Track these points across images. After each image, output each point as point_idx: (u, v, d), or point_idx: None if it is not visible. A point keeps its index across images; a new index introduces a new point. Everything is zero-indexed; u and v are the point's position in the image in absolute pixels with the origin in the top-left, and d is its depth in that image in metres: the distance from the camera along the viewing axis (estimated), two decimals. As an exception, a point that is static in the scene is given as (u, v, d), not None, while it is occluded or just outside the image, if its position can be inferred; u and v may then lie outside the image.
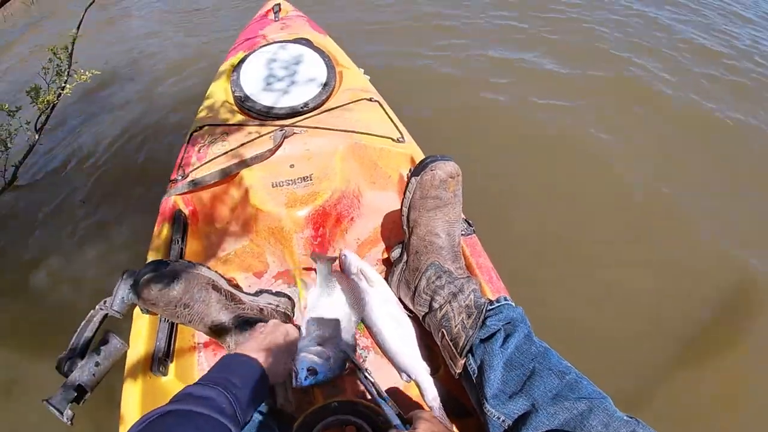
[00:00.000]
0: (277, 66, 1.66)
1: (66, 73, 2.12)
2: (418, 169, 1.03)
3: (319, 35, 1.96)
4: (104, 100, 3.02)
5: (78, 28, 2.19)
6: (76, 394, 0.88)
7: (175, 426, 0.63)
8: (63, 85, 2.10)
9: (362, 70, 1.85)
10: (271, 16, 2.12)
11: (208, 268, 1.05)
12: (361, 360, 1.08)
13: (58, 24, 3.99)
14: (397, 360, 1.06)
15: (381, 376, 1.03)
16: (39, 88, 2.03)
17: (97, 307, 0.97)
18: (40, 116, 2.13)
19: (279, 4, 2.16)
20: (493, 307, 0.94)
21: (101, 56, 3.35)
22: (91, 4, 2.28)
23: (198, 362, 1.11)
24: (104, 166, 2.52)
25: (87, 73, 2.13)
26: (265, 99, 1.53)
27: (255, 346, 0.85)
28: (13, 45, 3.92)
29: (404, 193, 1.07)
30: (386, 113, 1.56)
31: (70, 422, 0.87)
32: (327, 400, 0.89)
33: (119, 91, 3.11)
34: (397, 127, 1.50)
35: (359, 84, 1.70)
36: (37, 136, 2.16)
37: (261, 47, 1.75)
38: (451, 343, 0.94)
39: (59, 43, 2.17)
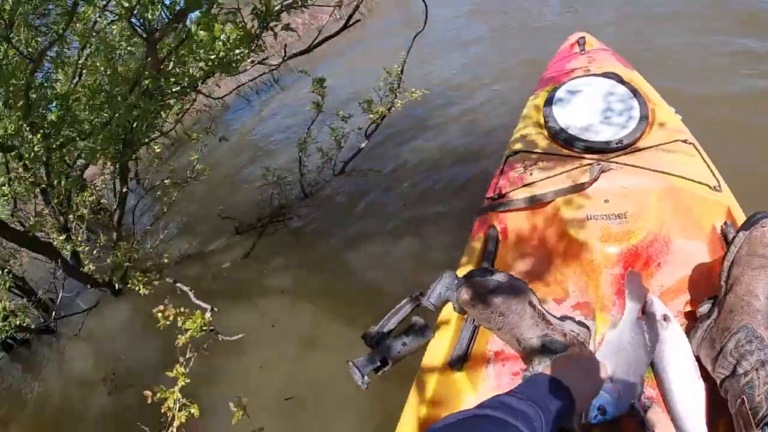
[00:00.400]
0: (589, 99, 1.71)
1: (396, 90, 2.53)
2: (747, 224, 1.00)
3: (627, 70, 1.94)
4: (424, 118, 3.42)
5: (407, 52, 2.58)
6: (379, 365, 0.98)
7: (490, 429, 0.65)
8: (394, 100, 2.52)
9: (673, 109, 1.79)
10: (576, 49, 2.17)
11: (527, 284, 1.13)
12: (643, 409, 1.06)
13: (373, 45, 4.67)
14: (681, 418, 1.01)
15: (658, 430, 1.00)
16: (371, 101, 2.49)
17: (412, 296, 1.10)
18: (370, 125, 2.59)
19: (584, 38, 2.20)
20: None
21: (422, 78, 3.77)
22: (420, 32, 2.64)
23: (486, 368, 1.21)
24: (422, 175, 2.87)
25: (417, 92, 2.51)
26: (578, 132, 1.59)
27: (570, 374, 0.85)
28: (338, 66, 4.72)
29: (728, 247, 1.03)
30: (702, 158, 1.48)
31: (366, 386, 0.97)
32: None
33: (438, 111, 3.49)
34: (714, 174, 1.42)
35: (672, 124, 1.64)
36: (366, 141, 2.64)
37: (570, 80, 1.81)
38: (750, 412, 0.88)
39: (386, 64, 2.59)
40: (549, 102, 1.74)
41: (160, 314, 2.00)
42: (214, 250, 3.47)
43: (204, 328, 1.94)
